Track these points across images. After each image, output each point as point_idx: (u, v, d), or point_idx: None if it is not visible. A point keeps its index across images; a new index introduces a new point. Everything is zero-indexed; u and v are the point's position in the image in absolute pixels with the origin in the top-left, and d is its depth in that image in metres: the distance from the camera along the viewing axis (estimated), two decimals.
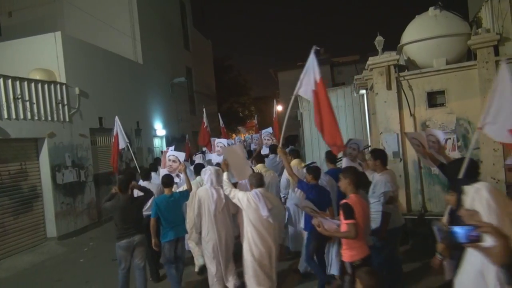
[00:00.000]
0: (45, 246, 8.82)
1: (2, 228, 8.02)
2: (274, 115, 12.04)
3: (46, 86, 9.35)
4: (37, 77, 9.33)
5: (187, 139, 13.37)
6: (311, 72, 4.85)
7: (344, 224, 3.61)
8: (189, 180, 5.48)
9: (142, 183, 6.12)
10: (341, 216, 3.66)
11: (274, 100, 13.53)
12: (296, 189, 5.50)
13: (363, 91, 9.75)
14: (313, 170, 5.06)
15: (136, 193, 5.46)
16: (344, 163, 5.72)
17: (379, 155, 4.91)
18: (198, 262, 6.24)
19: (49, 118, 9.35)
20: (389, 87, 6.85)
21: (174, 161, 6.08)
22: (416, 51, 7.05)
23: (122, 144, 8.46)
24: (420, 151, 5.03)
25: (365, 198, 4.40)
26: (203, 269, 5.81)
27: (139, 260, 5.11)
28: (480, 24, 6.83)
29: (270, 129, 11.49)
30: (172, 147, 7.00)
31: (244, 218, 4.62)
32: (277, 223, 4.55)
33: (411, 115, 6.81)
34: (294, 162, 6.36)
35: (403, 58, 7.46)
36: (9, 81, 8.33)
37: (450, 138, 6.55)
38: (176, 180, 6.07)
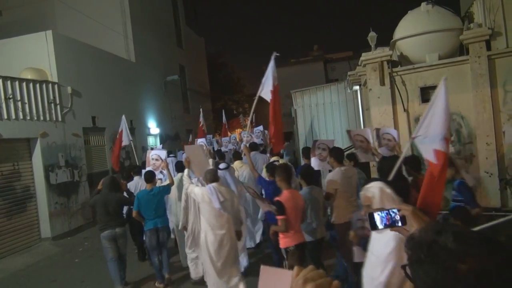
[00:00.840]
0: (40, 246, 8.76)
1: None
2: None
3: (37, 85, 9.26)
4: (29, 77, 9.24)
5: (190, 139, 13.04)
6: (270, 76, 5.54)
7: (278, 219, 4.17)
8: (171, 176, 5.77)
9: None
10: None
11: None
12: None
13: (357, 87, 9.78)
14: (270, 168, 5.51)
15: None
16: (312, 162, 5.94)
17: (334, 153, 5.22)
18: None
19: (42, 118, 9.27)
20: (382, 83, 6.88)
21: (156, 159, 6.50)
22: (408, 47, 7.08)
23: (126, 141, 8.95)
24: (363, 146, 5.51)
25: (318, 193, 4.88)
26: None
27: (123, 249, 5.76)
28: (472, 19, 6.87)
29: (261, 127, 12.00)
30: (157, 147, 7.23)
31: (200, 211, 5.01)
32: (231, 214, 4.91)
33: (404, 110, 6.84)
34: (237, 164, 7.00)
35: (396, 54, 7.49)
36: (0, 80, 8.24)
37: None
38: (160, 176, 6.41)
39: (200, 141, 9.70)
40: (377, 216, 1.55)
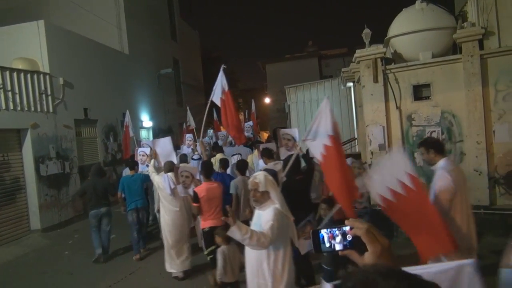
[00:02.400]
0: (29, 238, 8.70)
1: None
2: (253, 111, 13.75)
3: (29, 75, 9.15)
4: (20, 67, 9.12)
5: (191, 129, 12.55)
6: (220, 85, 6.73)
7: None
8: (154, 168, 6.37)
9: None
10: None
11: (252, 100, 14.98)
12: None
13: (350, 84, 9.80)
14: (221, 161, 6.54)
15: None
16: (281, 153, 6.34)
17: (265, 152, 5.89)
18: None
19: (32, 109, 9.17)
20: (375, 80, 6.89)
21: (143, 155, 7.54)
22: (402, 44, 7.10)
23: (131, 133, 10.02)
24: (289, 144, 6.28)
25: (244, 182, 5.41)
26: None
27: (105, 226, 6.93)
28: (465, 18, 6.90)
29: (251, 122, 12.60)
30: (145, 141, 9.12)
31: (160, 195, 6.06)
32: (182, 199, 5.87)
33: (397, 107, 6.87)
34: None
35: (390, 51, 7.51)
36: None
37: (435, 131, 6.64)
38: (141, 168, 7.42)
39: (188, 136, 9.75)
40: (324, 234, 1.20)
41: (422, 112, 6.73)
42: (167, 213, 5.84)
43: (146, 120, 15.70)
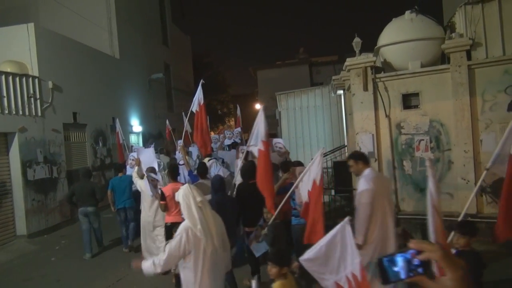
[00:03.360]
0: (14, 244, 8.55)
1: None
2: (238, 115, 14.75)
3: (17, 79, 9.04)
4: (8, 70, 9.02)
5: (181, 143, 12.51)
6: (197, 98, 7.69)
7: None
8: (137, 174, 6.93)
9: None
10: None
11: (237, 106, 15.75)
12: None
13: (341, 92, 9.87)
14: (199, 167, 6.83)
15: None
16: (272, 158, 6.67)
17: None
18: None
19: (20, 112, 9.05)
20: (365, 88, 6.96)
21: (133, 159, 8.13)
22: (392, 53, 7.18)
23: (121, 139, 10.70)
24: (280, 151, 7.21)
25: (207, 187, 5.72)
26: None
27: (94, 224, 7.61)
28: (454, 29, 7.02)
29: (239, 129, 13.31)
30: (135, 147, 10.01)
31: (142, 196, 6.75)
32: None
33: (386, 116, 6.94)
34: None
35: (379, 60, 7.59)
36: None
37: (423, 140, 6.72)
38: (129, 171, 8.08)
39: (179, 142, 9.88)
40: (387, 263, 1.04)
41: (411, 121, 6.81)
42: (146, 213, 6.64)
43: (136, 125, 15.60)
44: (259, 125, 5.22)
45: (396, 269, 1.04)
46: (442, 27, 7.18)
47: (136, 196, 7.34)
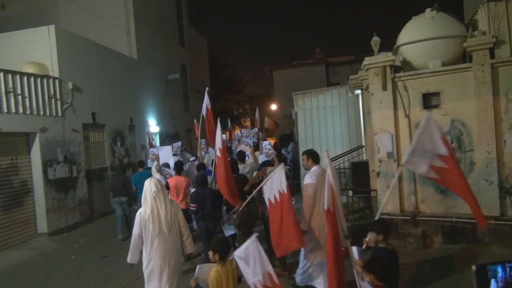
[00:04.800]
0: (36, 241, 8.73)
1: None
2: (257, 117, 15.37)
3: (38, 80, 9.24)
4: (30, 71, 9.22)
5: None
6: (204, 104, 8.75)
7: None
8: (155, 168, 8.05)
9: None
10: None
11: (257, 108, 16.33)
12: None
13: (358, 91, 9.75)
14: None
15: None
16: (261, 159, 8.46)
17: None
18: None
19: (41, 113, 9.24)
20: (384, 88, 6.85)
21: (153, 154, 9.58)
22: (412, 52, 7.06)
23: (151, 139, 12.67)
24: (269, 153, 8.62)
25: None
26: None
27: (127, 211, 8.60)
28: (476, 27, 6.85)
29: (256, 129, 13.95)
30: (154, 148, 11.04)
31: None
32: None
33: (405, 116, 6.82)
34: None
35: (399, 59, 7.47)
36: (1, 74, 8.23)
37: None
38: (149, 164, 9.37)
39: (202, 141, 10.25)
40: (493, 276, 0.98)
41: None
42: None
43: (153, 125, 15.76)
44: (217, 135, 6.07)
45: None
46: (463, 25, 7.02)
47: None
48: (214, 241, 3.77)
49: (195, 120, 13.33)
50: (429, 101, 6.78)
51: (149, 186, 4.28)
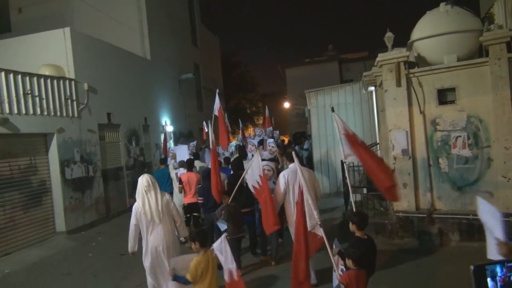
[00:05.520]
0: (54, 240, 8.91)
1: (12, 222, 8.11)
2: (267, 115, 15.46)
3: (55, 81, 9.41)
4: (46, 73, 9.39)
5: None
6: (216, 104, 9.88)
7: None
8: (173, 166, 9.09)
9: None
10: None
11: (266, 106, 16.57)
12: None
13: (372, 88, 9.66)
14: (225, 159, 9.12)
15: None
16: (264, 156, 8.35)
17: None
18: None
19: (58, 114, 9.41)
20: (398, 84, 6.78)
21: (173, 153, 10.10)
22: (426, 48, 6.96)
23: (168, 139, 13.15)
24: (272, 150, 9.18)
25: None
26: None
27: None
28: (492, 20, 6.73)
29: (271, 128, 14.15)
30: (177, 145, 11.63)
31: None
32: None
33: (420, 112, 6.74)
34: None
35: (413, 55, 7.38)
36: (19, 76, 8.40)
37: (460, 136, 6.48)
38: (169, 161, 9.92)
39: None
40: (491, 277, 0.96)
41: (447, 117, 6.58)
42: (176, 196, 8.15)
43: (167, 125, 15.89)
44: (210, 136, 7.01)
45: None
46: (479, 18, 6.90)
47: None
48: (194, 232, 4.24)
49: (204, 122, 13.54)
50: (444, 97, 6.69)
51: (141, 182, 4.77)
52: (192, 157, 9.52)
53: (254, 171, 5.33)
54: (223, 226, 5.94)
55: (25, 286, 6.50)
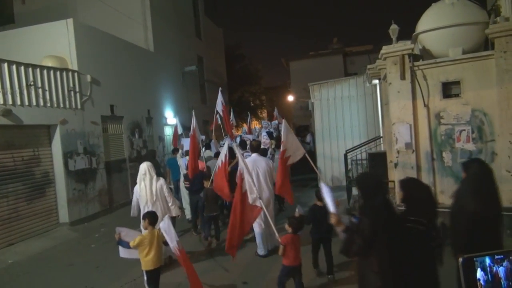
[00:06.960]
0: (57, 231, 8.97)
1: (15, 213, 8.17)
2: (276, 115, 16.18)
3: (58, 73, 9.41)
4: (50, 64, 9.38)
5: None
6: (220, 100, 11.58)
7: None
8: (179, 155, 9.93)
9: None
10: None
11: (275, 108, 17.50)
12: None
13: (376, 81, 9.59)
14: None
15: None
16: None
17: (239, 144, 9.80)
18: None
19: (61, 105, 9.42)
20: (403, 77, 6.72)
21: (182, 144, 11.20)
22: (431, 40, 6.89)
23: (179, 131, 13.61)
24: (266, 142, 9.51)
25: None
26: None
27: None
28: (498, 13, 6.64)
29: (276, 121, 14.76)
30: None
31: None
32: None
33: (424, 105, 6.69)
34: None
35: (418, 47, 7.30)
36: (22, 68, 8.40)
37: (464, 130, 6.42)
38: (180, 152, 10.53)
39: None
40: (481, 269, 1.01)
41: (451, 110, 6.52)
42: (184, 197, 9.02)
43: (170, 117, 15.87)
44: (192, 129, 8.74)
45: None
46: (485, 11, 6.80)
47: None
48: (146, 212, 5.11)
49: (216, 114, 13.61)
50: (449, 90, 6.63)
51: (140, 169, 6.05)
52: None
53: (221, 156, 6.52)
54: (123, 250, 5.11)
55: (28, 277, 6.55)
